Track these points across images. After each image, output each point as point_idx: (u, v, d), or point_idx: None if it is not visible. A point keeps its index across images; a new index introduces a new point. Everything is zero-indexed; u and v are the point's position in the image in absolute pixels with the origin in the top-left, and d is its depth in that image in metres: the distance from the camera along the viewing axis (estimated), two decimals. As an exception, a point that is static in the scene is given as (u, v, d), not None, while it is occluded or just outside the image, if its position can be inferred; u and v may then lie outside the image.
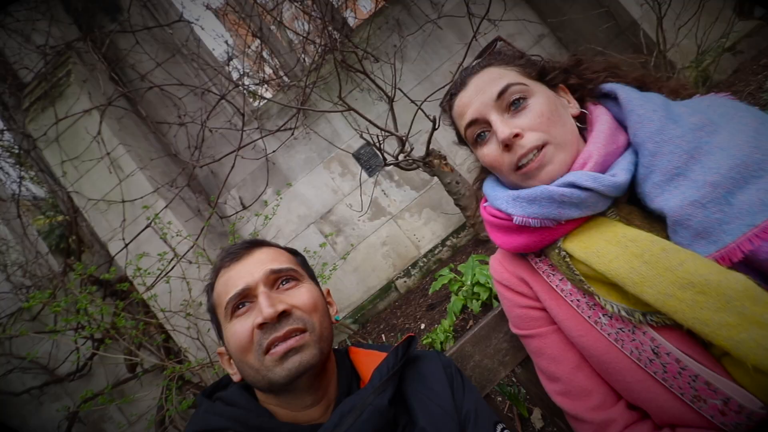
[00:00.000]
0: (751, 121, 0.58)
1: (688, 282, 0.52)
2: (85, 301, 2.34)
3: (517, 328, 0.79)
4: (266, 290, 0.67)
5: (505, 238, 0.74)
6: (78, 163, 3.35)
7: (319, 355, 0.65)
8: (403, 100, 3.09)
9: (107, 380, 3.29)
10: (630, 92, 0.69)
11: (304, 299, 0.69)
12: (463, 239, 4.11)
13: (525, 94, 0.69)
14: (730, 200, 0.54)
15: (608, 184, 0.62)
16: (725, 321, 0.49)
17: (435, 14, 4.06)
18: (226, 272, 0.72)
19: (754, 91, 2.87)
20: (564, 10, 3.89)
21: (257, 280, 0.68)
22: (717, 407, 0.52)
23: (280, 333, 0.63)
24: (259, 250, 0.75)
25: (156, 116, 4.00)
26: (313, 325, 0.67)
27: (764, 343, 0.47)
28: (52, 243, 4.63)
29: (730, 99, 0.66)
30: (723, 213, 0.54)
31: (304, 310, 0.68)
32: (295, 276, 0.73)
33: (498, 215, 0.73)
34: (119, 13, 4.00)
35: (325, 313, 0.73)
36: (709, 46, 3.33)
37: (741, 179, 0.54)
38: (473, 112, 0.72)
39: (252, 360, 0.64)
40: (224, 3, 4.75)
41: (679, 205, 0.56)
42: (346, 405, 0.61)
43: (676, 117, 0.62)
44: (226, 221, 3.94)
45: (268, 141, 4.03)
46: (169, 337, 3.00)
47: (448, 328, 2.56)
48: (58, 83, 3.41)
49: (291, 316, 0.66)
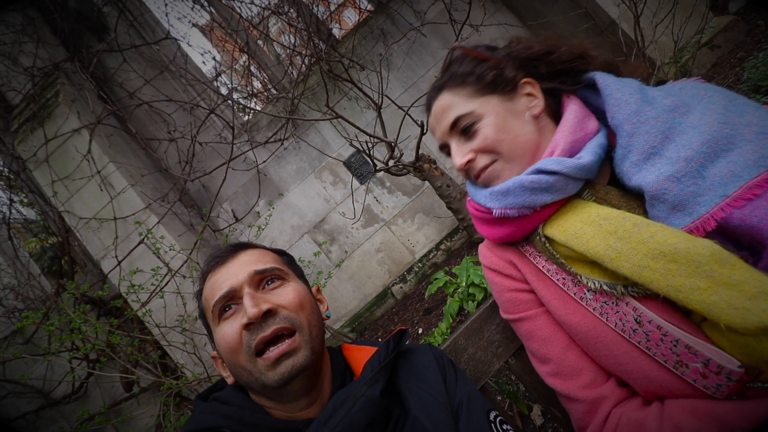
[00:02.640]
0: (720, 100, 0.62)
1: (660, 252, 0.55)
2: (79, 320, 2.31)
3: (507, 313, 0.80)
4: (251, 291, 0.67)
5: (490, 230, 0.78)
6: (68, 182, 3.34)
7: (311, 356, 0.65)
8: (390, 107, 3.13)
9: (104, 401, 3.24)
10: (607, 78, 0.72)
11: (290, 298, 0.69)
12: (457, 242, 4.13)
13: (474, 120, 0.74)
14: (702, 173, 0.57)
15: (571, 166, 0.66)
16: (696, 285, 0.52)
17: (418, 22, 4.14)
18: (212, 276, 0.72)
19: (733, 84, 2.95)
20: (543, 13, 3.99)
21: (242, 281, 0.68)
22: (698, 370, 0.54)
23: (267, 332, 0.63)
24: (243, 253, 0.75)
25: (146, 133, 4.01)
26: (301, 323, 0.67)
27: (734, 302, 0.50)
28: (44, 265, 4.59)
29: (701, 82, 0.70)
30: (697, 186, 0.57)
31: (290, 308, 0.67)
32: (280, 275, 0.72)
33: (480, 209, 0.77)
34: (106, 32, 4.03)
35: (314, 311, 0.72)
36: (686, 42, 3.41)
37: (712, 153, 0.57)
38: (439, 137, 0.81)
39: (243, 361, 0.64)
40: (210, 20, 4.78)
41: (655, 180, 0.60)
42: (339, 397, 0.61)
43: (651, 100, 0.66)
44: (219, 234, 3.94)
45: (259, 153, 4.05)
46: (165, 354, 2.97)
47: (446, 330, 2.57)
48: (46, 104, 3.41)
49: (277, 315, 0.65)
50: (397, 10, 4.26)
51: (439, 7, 3.88)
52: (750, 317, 0.49)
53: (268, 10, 4.53)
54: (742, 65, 3.02)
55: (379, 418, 0.62)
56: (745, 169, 0.55)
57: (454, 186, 3.23)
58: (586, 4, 3.63)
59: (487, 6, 3.72)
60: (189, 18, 7.55)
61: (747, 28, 3.43)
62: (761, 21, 3.36)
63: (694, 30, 3.33)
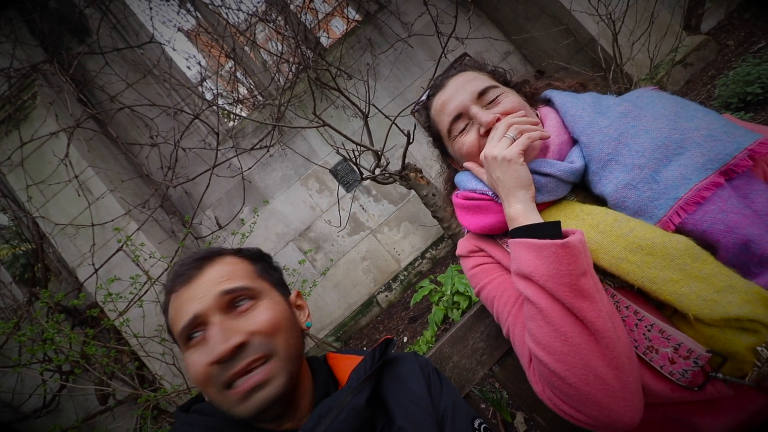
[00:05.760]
0: (671, 106, 0.67)
1: (638, 246, 0.58)
2: (53, 330, 2.23)
3: (476, 286, 0.82)
4: (219, 318, 0.61)
5: (474, 219, 0.80)
6: (44, 187, 3.24)
7: (288, 382, 0.60)
8: (377, 116, 3.15)
9: (77, 414, 3.11)
10: (562, 96, 0.80)
11: (264, 321, 0.62)
12: (442, 251, 4.16)
13: (499, 93, 0.78)
14: (656, 178, 0.61)
15: (564, 169, 0.70)
16: (669, 277, 0.55)
17: (405, 33, 4.20)
18: (177, 298, 0.65)
19: (705, 100, 3.08)
20: (527, 28, 4.10)
21: (207, 306, 0.61)
22: (667, 355, 0.57)
23: (237, 369, 0.57)
24: (210, 267, 0.67)
25: (127, 137, 3.93)
26: (276, 348, 0.61)
27: (702, 294, 0.53)
28: (16, 272, 4.41)
29: (656, 90, 0.75)
30: (652, 190, 0.61)
31: (264, 333, 0.61)
32: (251, 294, 0.65)
33: (470, 195, 0.80)
34: (87, 34, 3.96)
35: (291, 328, 0.67)
36: (661, 60, 3.56)
37: (663, 158, 0.62)
38: (456, 107, 0.80)
39: (213, 394, 0.59)
40: (196, 25, 4.74)
41: (614, 189, 0.65)
42: (324, 406, 0.61)
43: (604, 110, 0.71)
44: (201, 242, 3.86)
45: (244, 159, 4.01)
46: (142, 365, 2.88)
47: (431, 338, 2.57)
48: (22, 106, 3.31)
49: (249, 347, 0.59)
50: (385, 21, 4.32)
51: (426, 19, 3.95)
52: (716, 308, 0.52)
53: (255, 16, 4.53)
54: (714, 83, 3.16)
55: (364, 427, 0.62)
56: (694, 171, 0.59)
57: (440, 195, 3.25)
58: (567, 20, 3.75)
59: (473, 20, 3.81)
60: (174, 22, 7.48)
61: (717, 47, 3.60)
62: (731, 41, 3.53)
63: (668, 48, 3.47)
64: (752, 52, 3.02)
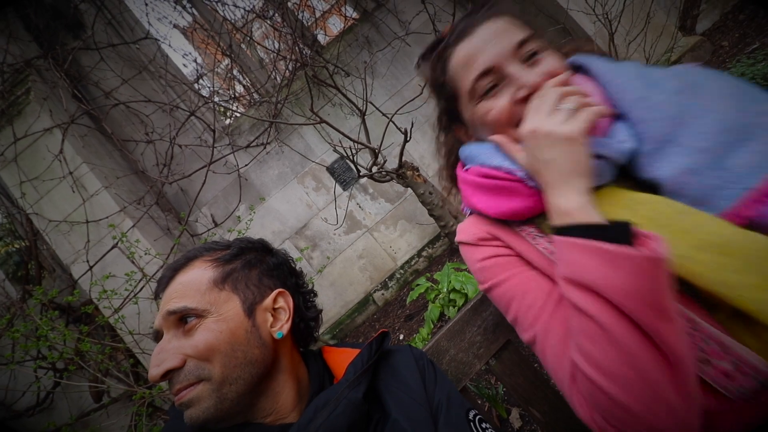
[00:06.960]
0: (731, 86, 0.58)
1: (708, 243, 0.50)
2: (46, 327, 2.21)
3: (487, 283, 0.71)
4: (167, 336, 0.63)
5: (495, 201, 0.67)
6: (38, 183, 3.22)
7: (217, 405, 0.59)
8: (374, 114, 3.15)
9: (71, 412, 3.09)
10: (601, 62, 0.67)
11: (197, 345, 0.60)
12: (439, 249, 4.16)
13: (539, 48, 0.66)
14: (724, 165, 0.52)
15: (620, 150, 0.59)
16: (749, 282, 0.47)
17: (402, 31, 4.20)
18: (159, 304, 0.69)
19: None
20: (524, 28, 4.11)
21: (160, 324, 0.64)
22: (724, 370, 0.49)
23: (173, 391, 0.60)
24: (177, 277, 0.68)
25: (122, 134, 3.90)
26: (210, 372, 0.59)
27: None
28: (9, 270, 4.36)
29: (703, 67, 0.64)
30: (719, 178, 0.52)
31: (197, 358, 0.60)
32: (195, 313, 0.62)
33: (492, 173, 0.67)
34: (82, 30, 3.92)
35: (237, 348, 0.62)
36: (657, 60, 3.58)
37: (731, 143, 0.53)
38: (487, 60, 0.65)
39: None
40: (192, 21, 4.71)
41: (673, 174, 0.55)
42: (320, 399, 0.61)
43: (655, 83, 0.60)
44: (197, 239, 3.85)
45: (240, 156, 4.00)
46: (137, 362, 2.86)
47: (427, 336, 2.58)
48: (16, 101, 3.28)
49: (181, 372, 0.59)
50: (382, 19, 4.31)
51: (423, 17, 3.96)
52: None
53: (252, 13, 4.51)
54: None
55: (360, 421, 0.62)
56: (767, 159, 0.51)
57: (437, 193, 3.26)
58: (564, 20, 3.76)
59: (470, 18, 3.81)
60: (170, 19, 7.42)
61: (712, 48, 3.63)
62: (726, 42, 3.56)
63: (664, 48, 3.50)
64: (746, 53, 3.05)
